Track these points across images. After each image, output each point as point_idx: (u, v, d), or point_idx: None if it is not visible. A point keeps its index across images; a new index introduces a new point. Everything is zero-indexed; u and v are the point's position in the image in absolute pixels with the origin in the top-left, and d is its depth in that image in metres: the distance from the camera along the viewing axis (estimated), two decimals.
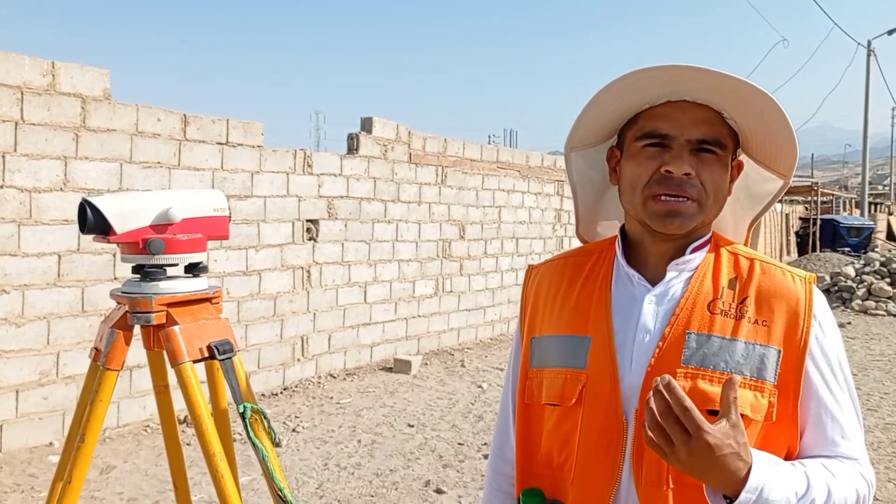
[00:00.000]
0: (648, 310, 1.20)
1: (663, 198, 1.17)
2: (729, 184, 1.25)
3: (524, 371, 1.31)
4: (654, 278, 1.23)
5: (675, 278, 1.22)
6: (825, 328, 1.18)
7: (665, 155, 1.17)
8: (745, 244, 1.36)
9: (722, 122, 1.20)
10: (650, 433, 1.02)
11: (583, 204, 1.41)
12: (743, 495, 1.03)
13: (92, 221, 1.49)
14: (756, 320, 1.16)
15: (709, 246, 1.25)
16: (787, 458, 1.15)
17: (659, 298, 1.21)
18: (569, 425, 1.21)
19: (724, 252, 1.25)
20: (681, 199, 1.17)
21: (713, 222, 1.29)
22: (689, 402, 1.00)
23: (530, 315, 1.35)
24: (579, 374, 1.20)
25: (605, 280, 1.27)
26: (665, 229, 1.19)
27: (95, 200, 1.51)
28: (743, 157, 1.30)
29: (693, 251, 1.23)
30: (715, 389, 1.11)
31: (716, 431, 1.00)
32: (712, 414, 1.08)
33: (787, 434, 1.15)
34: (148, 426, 5.50)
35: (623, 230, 1.32)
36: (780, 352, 1.15)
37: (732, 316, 1.17)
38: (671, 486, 1.12)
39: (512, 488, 1.33)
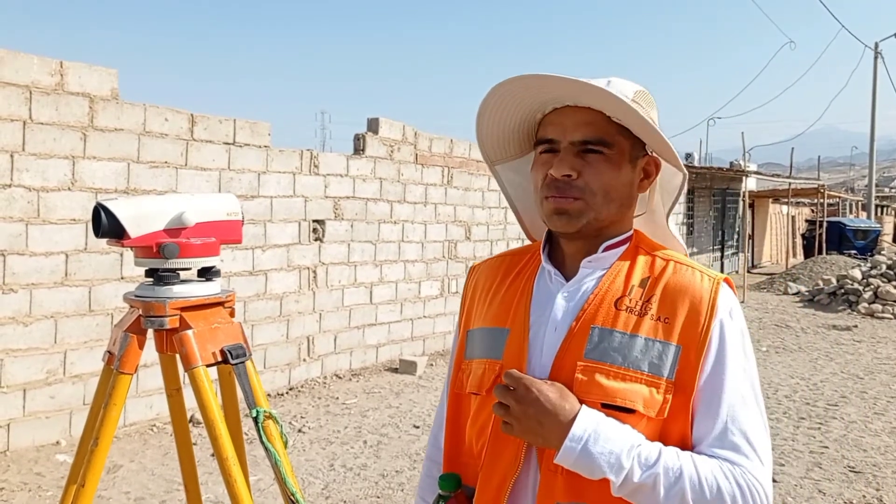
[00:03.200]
0: (560, 304, 1.24)
1: (550, 198, 1.22)
2: (641, 181, 1.28)
3: (458, 362, 1.37)
4: (571, 275, 1.28)
5: (589, 276, 1.26)
6: (727, 328, 1.18)
7: (554, 159, 1.22)
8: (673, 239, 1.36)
9: (608, 121, 1.21)
10: (496, 412, 1.15)
11: (523, 210, 1.47)
12: (566, 443, 1.09)
13: (106, 225, 1.49)
14: (658, 317, 1.18)
15: (626, 245, 1.28)
16: None
17: (571, 294, 1.25)
18: (485, 414, 1.25)
19: (642, 253, 1.28)
20: (565, 198, 1.21)
21: (629, 220, 1.31)
22: (511, 370, 1.16)
23: (468, 309, 1.41)
24: (495, 363, 1.26)
25: (531, 276, 1.32)
26: (555, 227, 1.25)
27: (110, 204, 1.51)
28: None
29: (606, 249, 1.26)
30: (611, 384, 1.15)
31: (535, 380, 1.14)
32: (607, 407, 1.14)
33: (679, 431, 1.16)
34: (154, 425, 5.51)
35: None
36: (679, 348, 1.16)
37: (637, 313, 1.19)
38: (562, 473, 1.15)
39: None
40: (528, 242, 1.46)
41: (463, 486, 1.28)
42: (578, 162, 1.20)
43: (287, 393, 6.64)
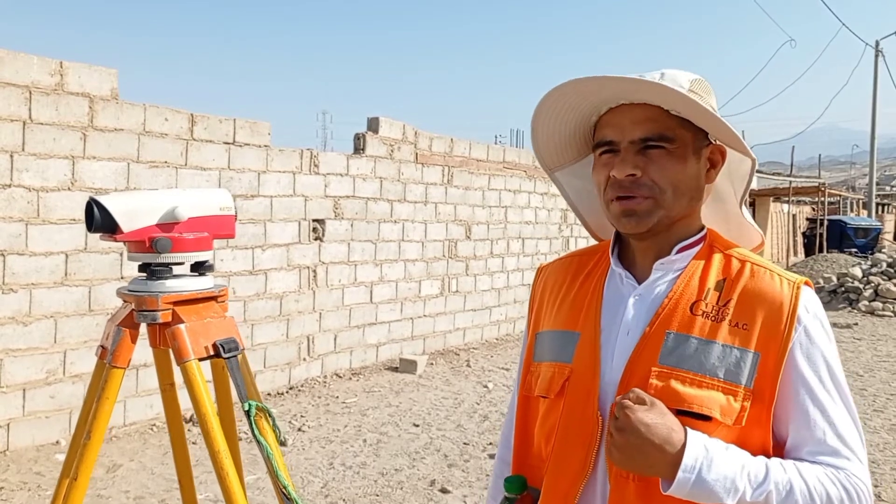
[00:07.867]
0: (631, 308, 1.22)
1: (617, 200, 1.19)
2: (708, 171, 1.25)
3: (527, 364, 1.35)
4: (643, 277, 1.25)
5: (661, 278, 1.23)
6: (811, 332, 1.16)
7: (615, 160, 1.19)
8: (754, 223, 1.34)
9: (667, 115, 1.18)
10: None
11: (587, 213, 1.44)
12: (680, 475, 1.05)
13: (99, 220, 1.50)
14: (736, 323, 1.15)
15: (700, 246, 1.25)
16: None
17: (643, 297, 1.22)
18: (553, 417, 1.24)
19: (717, 253, 1.24)
20: (633, 198, 1.18)
21: (700, 215, 1.28)
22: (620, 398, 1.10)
23: (536, 311, 1.39)
24: (565, 367, 1.24)
25: (601, 278, 1.29)
26: (624, 229, 1.22)
27: (103, 199, 1.52)
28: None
29: (680, 251, 1.23)
30: (686, 390, 1.12)
31: (637, 408, 1.08)
32: (682, 414, 1.11)
33: (759, 439, 1.14)
34: (154, 425, 5.52)
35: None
36: (757, 356, 1.14)
37: (713, 318, 1.16)
38: (635, 479, 1.13)
39: None
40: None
41: (530, 488, 1.27)
42: (641, 160, 1.17)
43: (287, 392, 6.64)
